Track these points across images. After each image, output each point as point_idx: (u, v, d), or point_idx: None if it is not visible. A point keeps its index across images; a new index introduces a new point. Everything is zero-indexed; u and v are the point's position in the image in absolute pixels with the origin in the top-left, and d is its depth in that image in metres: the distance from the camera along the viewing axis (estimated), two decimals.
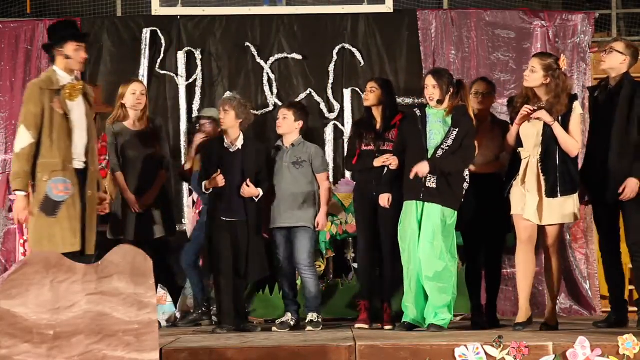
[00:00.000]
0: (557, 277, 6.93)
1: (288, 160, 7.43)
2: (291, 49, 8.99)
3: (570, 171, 6.76)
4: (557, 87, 6.74)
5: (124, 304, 4.89)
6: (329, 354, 5.83)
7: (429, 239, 6.85)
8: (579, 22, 8.98)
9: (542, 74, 6.75)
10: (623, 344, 5.77)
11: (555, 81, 6.74)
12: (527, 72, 6.85)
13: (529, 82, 6.82)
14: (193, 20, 9.01)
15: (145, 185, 7.64)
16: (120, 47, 8.97)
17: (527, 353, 5.77)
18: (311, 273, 7.41)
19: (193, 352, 5.82)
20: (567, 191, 6.74)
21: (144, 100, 7.72)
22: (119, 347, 4.85)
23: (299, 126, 7.50)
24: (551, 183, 6.71)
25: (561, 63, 6.79)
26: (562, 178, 6.72)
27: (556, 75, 6.74)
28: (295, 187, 7.40)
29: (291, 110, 7.52)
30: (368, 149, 7.40)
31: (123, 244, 5.26)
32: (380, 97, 7.43)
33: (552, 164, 6.73)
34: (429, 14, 9.03)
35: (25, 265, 4.89)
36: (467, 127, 6.92)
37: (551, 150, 6.73)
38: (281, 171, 7.44)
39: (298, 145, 7.48)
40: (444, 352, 5.78)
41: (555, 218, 6.77)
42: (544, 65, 6.76)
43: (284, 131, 7.50)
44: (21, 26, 8.97)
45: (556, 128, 6.70)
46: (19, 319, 4.83)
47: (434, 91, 6.98)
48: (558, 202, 6.74)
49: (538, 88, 6.80)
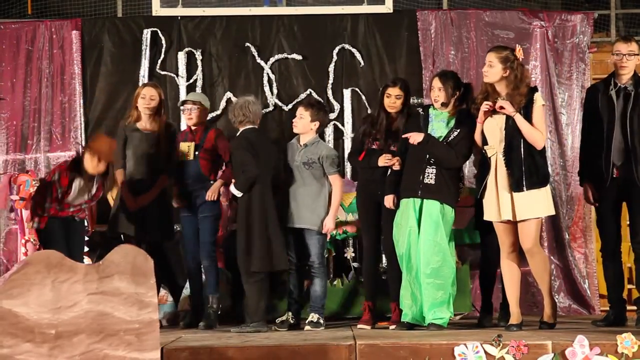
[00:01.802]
0: (543, 274, 6.81)
1: (299, 160, 7.35)
2: (291, 49, 9.00)
3: (537, 164, 6.60)
4: (515, 79, 6.62)
5: (125, 304, 4.89)
6: (329, 352, 5.83)
7: (430, 235, 6.83)
8: (577, 22, 8.99)
9: (500, 67, 6.64)
10: (622, 342, 5.78)
11: (513, 72, 6.62)
12: (485, 68, 6.71)
13: (489, 77, 6.68)
14: (193, 21, 9.02)
15: (144, 186, 7.65)
16: (121, 48, 8.98)
17: (526, 352, 5.77)
18: (319, 273, 7.35)
19: (194, 351, 5.83)
20: (534, 184, 6.56)
21: (153, 105, 7.70)
22: (120, 347, 4.86)
23: (315, 127, 7.39)
24: (516, 177, 6.56)
25: (517, 53, 6.69)
26: (528, 171, 6.55)
27: (514, 67, 6.63)
28: (303, 188, 7.33)
29: (308, 111, 7.39)
30: (375, 148, 7.33)
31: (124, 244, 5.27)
32: (404, 102, 7.33)
33: (517, 157, 6.57)
34: (429, 14, 9.04)
35: (27, 265, 4.90)
36: (468, 128, 6.88)
37: (515, 144, 6.57)
38: (292, 170, 7.38)
39: (311, 145, 7.37)
40: (443, 351, 5.78)
41: (526, 213, 6.59)
42: (501, 58, 6.65)
43: (299, 131, 7.41)
44: (22, 27, 8.99)
45: (518, 119, 6.54)
46: (20, 318, 4.83)
47: (439, 93, 6.95)
48: (527, 197, 6.56)
49: (498, 82, 6.65)
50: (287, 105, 8.89)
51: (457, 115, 6.95)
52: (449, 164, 6.90)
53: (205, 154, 7.51)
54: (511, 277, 6.78)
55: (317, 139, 7.45)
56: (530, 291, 8.43)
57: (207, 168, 7.52)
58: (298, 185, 7.35)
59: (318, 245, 7.34)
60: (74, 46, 8.90)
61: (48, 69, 8.92)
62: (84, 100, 8.87)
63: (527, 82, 6.70)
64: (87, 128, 8.82)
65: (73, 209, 7.49)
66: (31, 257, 4.96)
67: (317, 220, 7.31)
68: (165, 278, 7.91)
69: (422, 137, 6.87)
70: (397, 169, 7.05)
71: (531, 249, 6.68)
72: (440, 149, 6.88)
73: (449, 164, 6.91)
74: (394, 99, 7.29)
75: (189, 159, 7.52)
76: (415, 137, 6.89)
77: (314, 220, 7.31)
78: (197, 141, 7.53)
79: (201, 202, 7.47)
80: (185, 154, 7.53)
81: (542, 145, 6.63)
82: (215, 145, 7.52)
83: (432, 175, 6.88)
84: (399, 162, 7.04)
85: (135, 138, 7.69)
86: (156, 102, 7.72)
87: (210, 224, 7.48)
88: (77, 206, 7.51)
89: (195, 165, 7.50)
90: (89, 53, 8.96)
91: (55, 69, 8.92)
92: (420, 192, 6.88)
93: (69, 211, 7.48)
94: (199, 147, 7.52)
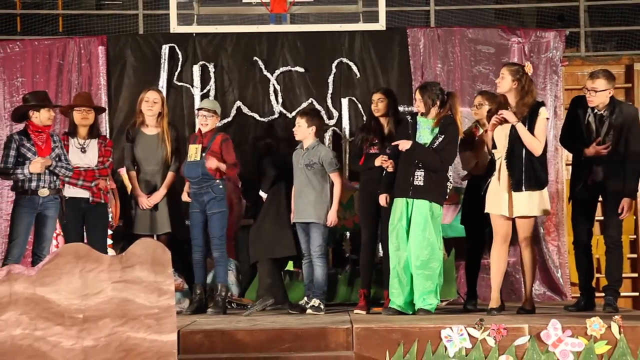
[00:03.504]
0: (531, 267, 6.90)
1: (303, 162, 7.41)
2: (294, 62, 8.99)
3: (536, 169, 6.70)
4: (522, 90, 6.74)
5: (145, 291, 4.88)
6: (329, 335, 5.84)
7: (419, 231, 6.83)
8: (551, 38, 9.00)
9: (510, 79, 6.74)
10: (590, 325, 5.78)
11: (521, 84, 6.74)
12: (498, 80, 6.86)
13: (501, 87, 6.81)
14: (207, 37, 9.01)
15: (154, 185, 7.64)
16: (142, 62, 8.97)
17: (505, 334, 5.77)
18: (321, 262, 7.35)
19: (207, 333, 5.83)
20: (532, 186, 6.68)
21: (156, 108, 7.66)
22: (141, 329, 4.85)
23: (313, 131, 7.45)
24: (516, 178, 6.68)
25: (527, 69, 6.80)
26: (527, 174, 6.66)
27: (523, 79, 6.74)
28: (308, 187, 7.37)
29: (304, 118, 7.46)
30: (373, 152, 7.37)
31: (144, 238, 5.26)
32: (387, 105, 7.42)
33: (518, 161, 6.68)
34: (418, 31, 9.04)
35: (58, 256, 4.89)
36: (452, 134, 6.92)
37: (516, 149, 6.69)
38: (297, 172, 7.44)
39: (312, 149, 7.43)
40: (431, 334, 5.79)
41: (523, 211, 6.71)
42: (512, 71, 6.77)
43: (300, 137, 7.49)
44: (54, 43, 8.98)
45: (519, 128, 6.66)
46: (52, 304, 4.83)
47: (419, 104, 7.02)
48: (525, 196, 6.68)
49: (509, 93, 6.77)
50: (290, 113, 8.87)
51: (441, 123, 6.95)
52: (434, 167, 6.92)
53: (211, 156, 7.50)
54: (498, 266, 6.82)
55: (317, 143, 7.47)
56: (509, 280, 8.42)
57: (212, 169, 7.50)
58: (303, 185, 7.38)
59: (321, 237, 7.36)
60: (100, 60, 8.90)
61: (77, 81, 8.91)
62: (109, 108, 8.85)
63: (533, 95, 6.81)
64: (111, 133, 8.80)
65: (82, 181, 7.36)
66: (61, 249, 4.95)
67: (320, 214, 7.34)
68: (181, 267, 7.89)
69: (409, 145, 6.89)
70: (391, 170, 7.06)
71: (523, 244, 6.83)
72: (425, 155, 6.89)
73: (435, 167, 6.92)
74: (377, 103, 7.40)
75: (197, 160, 7.51)
76: (403, 145, 6.91)
77: (318, 214, 7.34)
78: (205, 144, 7.51)
79: (209, 199, 7.45)
80: (193, 155, 7.52)
81: (540, 152, 6.73)
82: (221, 149, 7.51)
83: (421, 177, 6.89)
84: (392, 165, 7.05)
85: (142, 140, 7.67)
86: (159, 105, 7.69)
87: (219, 219, 7.46)
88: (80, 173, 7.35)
89: (202, 166, 7.48)
90: (113, 66, 8.95)
91: (83, 80, 8.91)
92: (411, 193, 6.89)
93: (77, 183, 7.35)
94: (205, 149, 7.50)
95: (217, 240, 7.46)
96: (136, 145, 7.67)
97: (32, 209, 7.00)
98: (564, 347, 5.74)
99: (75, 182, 7.31)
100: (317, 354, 5.71)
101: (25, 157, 6.97)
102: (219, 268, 7.53)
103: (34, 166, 6.92)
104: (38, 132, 7.04)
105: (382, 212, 7.22)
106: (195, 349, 5.76)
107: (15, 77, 8.89)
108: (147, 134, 7.69)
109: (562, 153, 8.83)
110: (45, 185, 7.00)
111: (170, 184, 7.67)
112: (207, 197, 7.44)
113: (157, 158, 7.66)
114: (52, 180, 7.04)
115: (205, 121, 7.52)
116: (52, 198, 7.05)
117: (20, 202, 7.02)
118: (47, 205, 7.03)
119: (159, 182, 7.65)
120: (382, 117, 7.42)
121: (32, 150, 7.00)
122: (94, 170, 7.37)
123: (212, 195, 7.42)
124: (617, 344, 5.73)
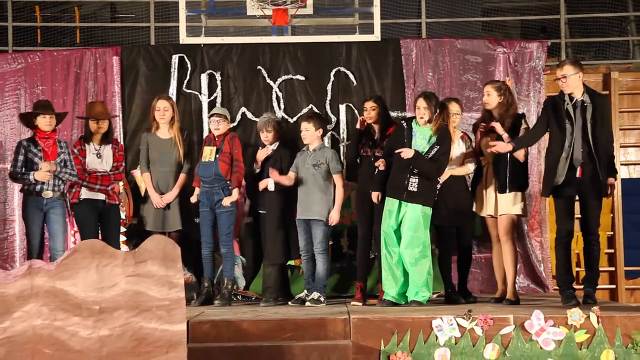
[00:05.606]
0: (512, 260, 6.98)
1: (309, 162, 7.40)
2: (295, 71, 8.99)
3: (519, 172, 6.94)
4: (507, 103, 6.97)
5: (156, 284, 4.88)
6: (328, 325, 5.84)
7: (411, 230, 6.84)
8: (534, 49, 9.00)
9: (496, 94, 6.97)
10: (571, 316, 5.79)
11: (505, 98, 6.97)
12: (485, 98, 7.04)
13: (489, 104, 7.01)
14: (214, 48, 9.00)
15: (167, 185, 7.64)
16: (154, 70, 8.97)
17: (492, 324, 5.78)
18: (322, 257, 7.34)
19: (214, 324, 5.84)
20: (515, 188, 6.91)
21: (167, 115, 7.70)
22: (153, 320, 4.85)
23: (320, 134, 7.48)
24: (501, 181, 6.91)
25: (508, 83, 7.04)
26: (512, 177, 6.88)
27: (506, 94, 6.98)
28: (313, 186, 7.36)
29: (311, 122, 7.47)
30: (366, 155, 7.39)
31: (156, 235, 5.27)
32: (379, 112, 7.41)
33: (503, 165, 6.89)
34: (410, 42, 9.03)
35: (75, 252, 4.90)
36: (447, 145, 6.97)
37: (502, 156, 6.87)
38: (304, 172, 7.42)
39: (319, 150, 7.44)
40: (423, 324, 5.79)
41: (506, 209, 6.94)
42: (496, 87, 7.00)
43: (309, 141, 7.48)
44: (72, 53, 8.97)
45: (505, 138, 6.83)
46: (70, 296, 4.82)
47: (425, 112, 6.95)
48: (509, 197, 6.92)
49: (495, 109, 6.99)
50: (292, 118, 8.87)
51: (439, 133, 6.94)
52: (430, 177, 6.95)
53: (224, 157, 7.51)
54: (506, 262, 7.01)
55: (323, 145, 7.55)
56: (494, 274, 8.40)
57: (225, 169, 7.51)
58: (309, 184, 7.36)
59: (323, 234, 7.35)
60: (115, 69, 8.89)
61: (93, 89, 8.90)
62: (123, 114, 8.85)
63: (515, 107, 7.05)
64: (125, 137, 8.80)
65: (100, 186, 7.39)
66: (79, 246, 4.95)
67: (324, 212, 7.33)
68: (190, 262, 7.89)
69: (412, 154, 6.86)
70: (382, 169, 7.05)
71: (503, 238, 6.99)
72: (425, 166, 6.89)
73: (431, 177, 6.96)
74: (369, 110, 7.40)
75: (211, 161, 7.52)
76: (406, 153, 6.88)
77: (322, 212, 7.33)
78: (218, 145, 7.55)
79: (219, 199, 7.46)
80: (208, 156, 7.54)
81: (523, 159, 6.95)
82: (230, 145, 7.52)
83: (415, 184, 6.91)
84: (383, 164, 7.04)
85: (156, 144, 7.70)
86: (170, 112, 7.71)
87: (227, 218, 7.47)
88: (98, 177, 7.40)
89: (215, 167, 7.49)
90: (127, 75, 8.95)
91: (99, 88, 8.90)
92: (404, 196, 6.91)
93: (95, 187, 7.38)
94: (219, 150, 7.53)
95: (224, 237, 7.46)
96: (151, 148, 7.70)
97: (39, 209, 7.15)
98: (547, 335, 5.75)
99: (93, 186, 7.40)
100: (317, 343, 5.71)
101: (33, 162, 7.10)
102: (226, 263, 7.53)
103: (39, 175, 7.08)
104: (44, 138, 7.17)
105: (376, 210, 7.21)
106: (203, 338, 5.77)
107: (35, 85, 8.90)
108: (161, 138, 7.72)
109: (543, 156, 8.80)
110: (49, 188, 7.15)
111: (182, 185, 7.68)
112: (218, 197, 7.44)
113: (171, 160, 7.68)
114: (57, 183, 7.16)
115: (217, 125, 7.57)
116: (56, 199, 7.17)
117: (28, 202, 7.19)
118: (53, 205, 7.17)
119: (172, 182, 7.66)
120: (374, 123, 7.43)
121: (38, 155, 7.15)
122: (109, 175, 7.44)
123: (222, 196, 7.43)
124: (595, 332, 5.74)
